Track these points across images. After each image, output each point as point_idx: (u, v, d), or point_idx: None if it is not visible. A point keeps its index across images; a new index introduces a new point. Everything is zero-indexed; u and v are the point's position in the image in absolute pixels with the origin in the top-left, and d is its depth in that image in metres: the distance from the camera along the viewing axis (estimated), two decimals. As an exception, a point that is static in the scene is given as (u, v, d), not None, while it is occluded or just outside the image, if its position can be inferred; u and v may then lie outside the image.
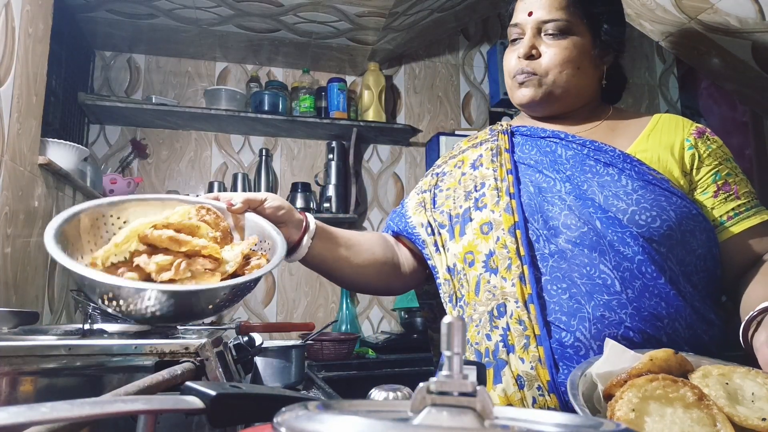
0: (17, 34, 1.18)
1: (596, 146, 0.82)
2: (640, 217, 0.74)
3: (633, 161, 0.80)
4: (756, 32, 1.17)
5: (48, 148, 1.39)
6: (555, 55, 0.85)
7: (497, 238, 0.80)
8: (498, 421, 0.29)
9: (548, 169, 0.84)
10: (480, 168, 0.90)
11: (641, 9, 1.29)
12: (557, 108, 0.90)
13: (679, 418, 0.44)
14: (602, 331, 0.70)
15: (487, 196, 0.85)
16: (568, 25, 0.85)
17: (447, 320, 0.26)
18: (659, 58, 3.16)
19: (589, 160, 0.82)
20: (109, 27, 2.18)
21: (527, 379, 0.73)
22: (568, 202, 0.79)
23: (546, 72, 0.86)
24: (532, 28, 0.87)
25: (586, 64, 0.87)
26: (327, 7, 2.11)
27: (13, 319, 0.76)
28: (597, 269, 0.73)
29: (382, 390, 0.41)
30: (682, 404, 0.45)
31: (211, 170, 2.46)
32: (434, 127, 2.76)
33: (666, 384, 0.46)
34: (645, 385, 0.46)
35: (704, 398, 0.45)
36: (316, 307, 2.48)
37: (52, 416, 0.31)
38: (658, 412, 0.45)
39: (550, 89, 0.86)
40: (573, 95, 0.88)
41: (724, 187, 0.82)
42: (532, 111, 0.92)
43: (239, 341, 0.84)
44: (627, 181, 0.78)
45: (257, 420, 0.40)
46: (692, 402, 0.45)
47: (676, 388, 0.45)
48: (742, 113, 2.89)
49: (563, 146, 0.85)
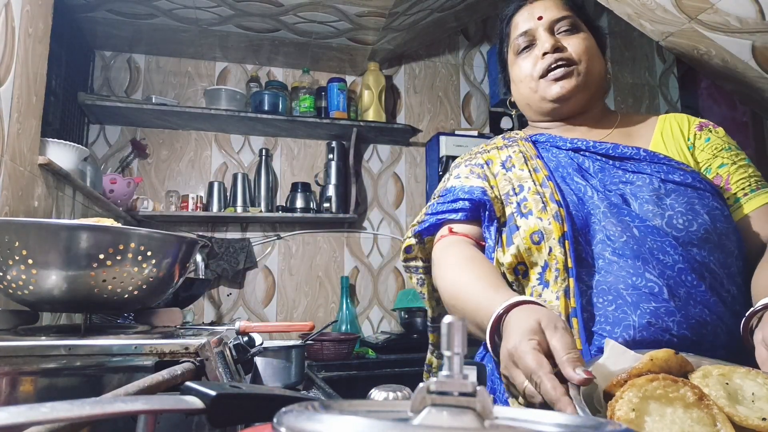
0: (17, 34, 1.18)
1: (620, 152, 0.82)
2: (677, 221, 0.73)
3: (660, 159, 0.80)
4: (756, 32, 1.17)
5: (48, 148, 1.39)
6: (578, 44, 0.86)
7: (549, 249, 0.75)
8: (498, 421, 0.29)
9: (578, 176, 0.82)
10: (513, 169, 0.86)
11: (641, 9, 1.29)
12: (586, 99, 0.89)
13: (679, 418, 0.44)
14: (647, 338, 0.68)
15: (529, 201, 0.80)
16: (577, 22, 0.89)
17: (447, 320, 0.26)
18: (659, 58, 3.16)
19: (616, 170, 0.81)
20: (109, 27, 2.18)
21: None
22: (602, 209, 0.77)
23: (579, 59, 0.86)
24: (546, 30, 0.87)
25: (599, 57, 0.90)
26: (327, 7, 2.11)
27: (13, 319, 0.76)
28: (643, 278, 0.71)
29: (382, 390, 0.41)
30: (683, 404, 0.44)
31: (211, 170, 2.46)
32: (434, 127, 2.76)
33: (666, 384, 0.45)
34: (645, 384, 0.46)
35: (704, 398, 0.45)
36: (316, 307, 2.48)
37: (52, 416, 0.31)
38: (658, 412, 0.44)
39: (585, 78, 0.86)
40: (596, 85, 0.89)
41: (715, 179, 0.82)
42: (564, 105, 0.88)
43: (239, 341, 0.84)
44: (659, 184, 0.77)
45: (257, 420, 0.40)
46: (692, 402, 0.44)
47: (677, 387, 0.45)
48: (742, 113, 2.89)
49: (588, 157, 0.84)
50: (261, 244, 2.46)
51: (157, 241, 0.72)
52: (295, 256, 2.50)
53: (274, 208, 2.43)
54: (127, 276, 0.70)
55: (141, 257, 0.70)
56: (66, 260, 0.65)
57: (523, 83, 0.91)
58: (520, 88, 0.92)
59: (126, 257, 0.68)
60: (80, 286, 0.67)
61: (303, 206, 2.38)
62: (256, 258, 2.43)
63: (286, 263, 2.48)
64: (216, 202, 2.33)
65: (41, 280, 0.66)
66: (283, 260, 2.48)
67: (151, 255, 0.71)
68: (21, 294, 0.68)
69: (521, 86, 0.91)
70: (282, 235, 2.49)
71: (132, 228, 0.71)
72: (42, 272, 0.65)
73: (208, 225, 2.42)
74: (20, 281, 0.66)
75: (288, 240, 2.50)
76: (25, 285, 0.66)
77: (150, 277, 0.73)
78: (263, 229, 2.48)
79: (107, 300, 0.70)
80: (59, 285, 0.66)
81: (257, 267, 2.43)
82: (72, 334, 0.68)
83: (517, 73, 0.92)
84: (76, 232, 0.66)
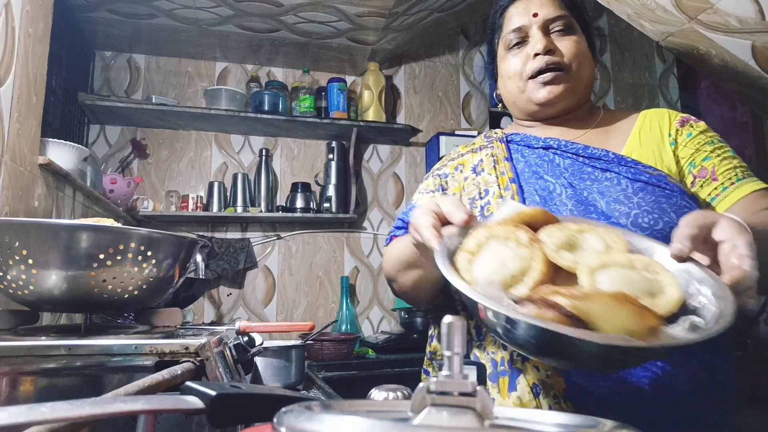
0: (17, 34, 1.18)
1: (590, 152, 0.82)
2: (642, 219, 0.74)
3: (628, 162, 0.80)
4: (756, 32, 1.17)
5: (48, 148, 1.39)
6: (571, 47, 0.85)
7: None
8: (498, 421, 0.29)
9: (549, 174, 0.83)
10: (482, 173, 0.88)
11: (641, 9, 1.29)
12: (573, 103, 0.89)
13: (506, 253, 0.51)
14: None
15: (492, 205, 0.83)
16: (572, 22, 0.87)
17: (447, 320, 0.26)
18: (659, 58, 3.16)
19: (586, 167, 0.81)
20: (109, 27, 2.18)
21: (543, 387, 0.72)
22: (569, 207, 0.78)
23: (570, 64, 0.85)
24: (540, 28, 0.86)
25: (590, 59, 0.89)
26: (327, 7, 2.11)
27: (13, 319, 0.76)
28: None
29: (382, 390, 0.41)
30: (516, 243, 0.51)
31: (211, 170, 2.46)
32: (434, 127, 2.76)
33: (510, 229, 0.52)
34: (495, 227, 0.53)
35: (536, 242, 0.50)
36: (316, 307, 2.48)
37: (52, 416, 0.31)
38: (495, 248, 0.52)
39: (574, 83, 0.86)
40: (584, 89, 0.89)
41: (700, 173, 0.81)
42: (550, 109, 0.89)
43: (239, 341, 0.84)
44: (627, 183, 0.77)
45: (257, 420, 0.40)
46: (524, 243, 0.51)
47: (518, 232, 0.52)
48: (742, 113, 2.89)
49: (559, 155, 0.84)
50: (261, 244, 2.46)
51: (157, 241, 0.72)
52: (295, 256, 2.50)
53: (274, 208, 2.43)
54: (127, 276, 0.70)
55: (141, 257, 0.70)
56: (66, 260, 0.65)
57: (511, 81, 0.90)
58: (508, 85, 0.91)
59: (126, 257, 0.68)
60: (80, 286, 0.67)
61: (303, 206, 2.38)
62: (256, 258, 2.43)
63: (286, 263, 2.48)
64: (216, 202, 2.33)
65: (41, 280, 0.66)
66: (283, 260, 2.48)
67: (151, 255, 0.71)
68: (21, 294, 0.68)
69: (509, 83, 0.91)
70: (282, 235, 2.49)
71: (132, 228, 0.71)
72: (42, 272, 0.65)
73: (208, 225, 2.42)
74: (20, 281, 0.66)
75: (288, 240, 2.50)
76: (25, 285, 0.66)
77: (150, 277, 0.73)
78: (263, 229, 2.48)
79: (107, 300, 0.70)
80: (59, 285, 0.66)
81: (257, 267, 2.43)
82: (72, 334, 0.68)
83: (505, 69, 0.91)
84: (76, 232, 0.66)
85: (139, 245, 0.69)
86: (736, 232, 0.52)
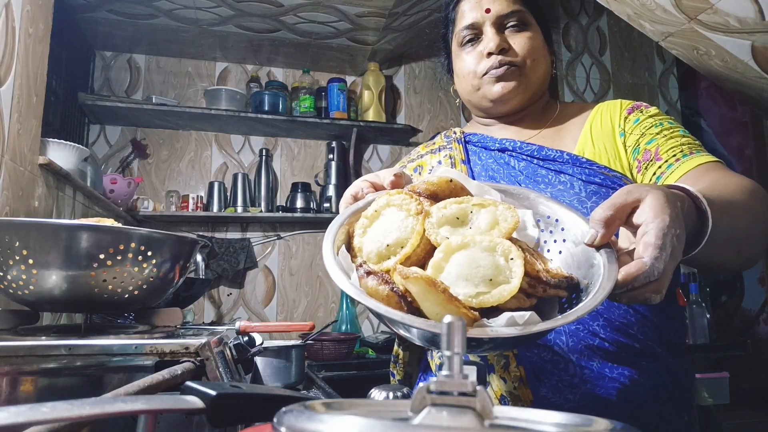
0: (17, 34, 1.18)
1: (544, 154, 0.80)
2: None
3: (582, 163, 0.78)
4: (756, 32, 1.17)
5: (48, 148, 1.39)
6: (524, 44, 0.83)
7: None
8: (498, 421, 0.29)
9: (504, 177, 0.81)
10: None
11: (641, 9, 1.29)
12: (527, 100, 0.86)
13: (394, 220, 0.50)
14: (578, 343, 0.70)
15: None
16: (527, 17, 0.85)
17: (447, 320, 0.26)
18: (659, 58, 3.16)
19: (540, 169, 0.79)
20: (109, 27, 2.18)
21: (510, 399, 0.71)
22: None
23: (524, 61, 0.83)
24: (493, 24, 0.83)
25: (545, 55, 0.87)
26: (327, 8, 2.11)
27: (13, 319, 0.76)
28: None
29: (382, 390, 0.41)
30: (407, 213, 0.51)
31: (211, 170, 2.46)
32: (434, 127, 2.76)
33: (406, 198, 0.52)
34: (393, 196, 0.52)
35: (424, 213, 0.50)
36: (316, 307, 2.48)
37: (52, 416, 0.31)
38: (388, 216, 0.51)
39: (528, 80, 0.84)
40: (539, 85, 0.87)
41: (644, 157, 0.76)
42: (504, 106, 0.87)
43: (239, 341, 0.84)
44: (580, 187, 0.75)
45: (257, 420, 0.41)
46: (413, 213, 0.50)
47: (411, 202, 0.51)
48: (742, 113, 2.89)
49: (514, 157, 0.83)
50: (261, 244, 2.46)
51: (157, 241, 0.72)
52: (295, 256, 2.50)
53: (274, 208, 2.43)
54: (128, 276, 0.70)
55: (141, 257, 0.70)
56: (66, 260, 0.65)
57: (466, 79, 0.87)
58: (462, 83, 0.89)
59: (126, 257, 0.68)
60: (80, 286, 0.67)
61: (303, 206, 2.38)
62: (256, 258, 2.43)
63: (286, 263, 2.48)
64: (216, 202, 2.33)
65: (41, 280, 0.66)
66: (283, 260, 2.48)
67: (151, 255, 0.71)
68: (21, 294, 0.68)
69: (463, 81, 0.88)
70: (282, 235, 2.49)
71: (132, 228, 0.71)
72: (42, 272, 0.65)
73: (209, 225, 2.42)
74: (20, 281, 0.66)
75: (288, 240, 2.50)
76: (25, 285, 0.66)
77: (150, 277, 0.73)
78: (263, 229, 2.48)
79: (107, 300, 0.70)
80: (59, 285, 0.66)
81: (257, 267, 2.43)
82: (72, 334, 0.68)
83: (460, 67, 0.88)
84: (76, 232, 0.66)
85: (139, 245, 0.69)
86: (653, 213, 0.45)
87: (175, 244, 0.76)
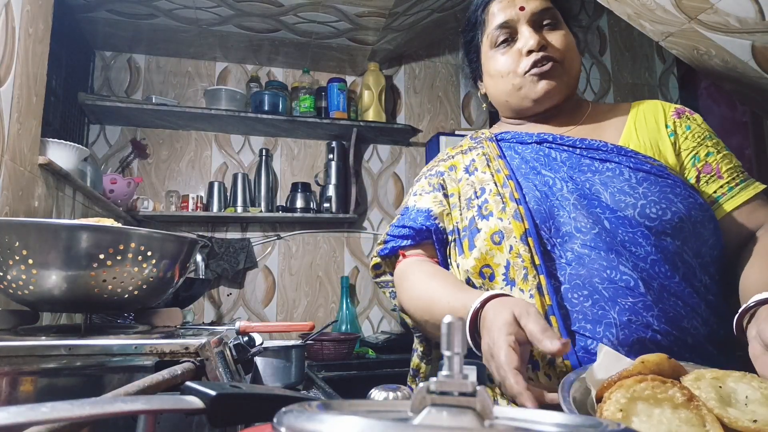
0: (17, 34, 1.18)
1: (587, 144, 0.80)
2: (650, 210, 0.72)
3: (628, 152, 0.78)
4: (756, 32, 1.17)
5: (48, 148, 1.39)
6: (562, 41, 0.83)
7: (510, 248, 0.75)
8: (498, 421, 0.29)
9: (546, 168, 0.80)
10: (476, 173, 0.85)
11: (641, 9, 1.29)
12: (564, 97, 0.86)
13: (667, 418, 0.42)
14: (630, 336, 0.67)
15: (490, 203, 0.79)
16: (558, 15, 0.86)
17: (447, 320, 0.26)
18: (659, 58, 3.16)
19: (584, 159, 0.79)
20: (109, 27, 2.18)
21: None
22: (572, 201, 0.75)
23: (563, 58, 0.83)
24: (528, 22, 0.83)
25: (578, 53, 0.87)
26: (327, 7, 2.11)
27: (13, 319, 0.76)
28: (617, 271, 0.70)
29: (382, 390, 0.41)
30: (671, 405, 0.43)
31: (211, 170, 2.46)
32: (434, 127, 2.76)
33: (655, 385, 0.44)
34: (633, 385, 0.45)
35: (694, 399, 0.44)
36: (316, 307, 2.48)
37: (52, 416, 0.31)
38: (645, 413, 0.43)
39: (568, 76, 0.84)
40: (575, 83, 0.87)
41: (704, 169, 0.79)
42: (545, 104, 0.86)
43: (239, 341, 0.84)
44: (629, 174, 0.75)
45: (257, 420, 0.41)
46: (681, 403, 0.43)
47: (665, 388, 0.44)
48: (742, 113, 2.89)
49: (554, 149, 0.82)
50: (261, 244, 2.46)
51: (157, 241, 0.72)
52: (295, 256, 2.50)
53: (274, 208, 2.43)
54: (127, 276, 0.70)
55: (141, 257, 0.70)
56: (66, 260, 0.65)
57: (505, 80, 0.86)
58: (500, 84, 0.87)
59: (126, 257, 0.68)
60: (80, 286, 0.67)
61: (303, 206, 2.38)
62: (256, 258, 2.43)
63: (286, 263, 2.48)
64: (216, 202, 2.33)
65: (41, 280, 0.66)
66: (283, 260, 2.48)
67: (151, 255, 0.71)
68: (21, 294, 0.68)
69: (501, 82, 0.87)
70: (282, 235, 2.49)
71: (132, 228, 0.71)
72: (42, 272, 0.65)
73: (208, 225, 2.42)
74: (20, 281, 0.66)
75: (288, 240, 2.50)
76: (25, 285, 0.66)
77: (150, 277, 0.73)
78: (263, 229, 2.48)
79: (107, 300, 0.70)
80: (59, 285, 0.66)
81: (257, 267, 2.43)
82: (72, 334, 0.68)
83: (494, 68, 0.87)
84: (76, 232, 0.66)
85: (139, 245, 0.69)
86: None
87: (175, 244, 0.76)
